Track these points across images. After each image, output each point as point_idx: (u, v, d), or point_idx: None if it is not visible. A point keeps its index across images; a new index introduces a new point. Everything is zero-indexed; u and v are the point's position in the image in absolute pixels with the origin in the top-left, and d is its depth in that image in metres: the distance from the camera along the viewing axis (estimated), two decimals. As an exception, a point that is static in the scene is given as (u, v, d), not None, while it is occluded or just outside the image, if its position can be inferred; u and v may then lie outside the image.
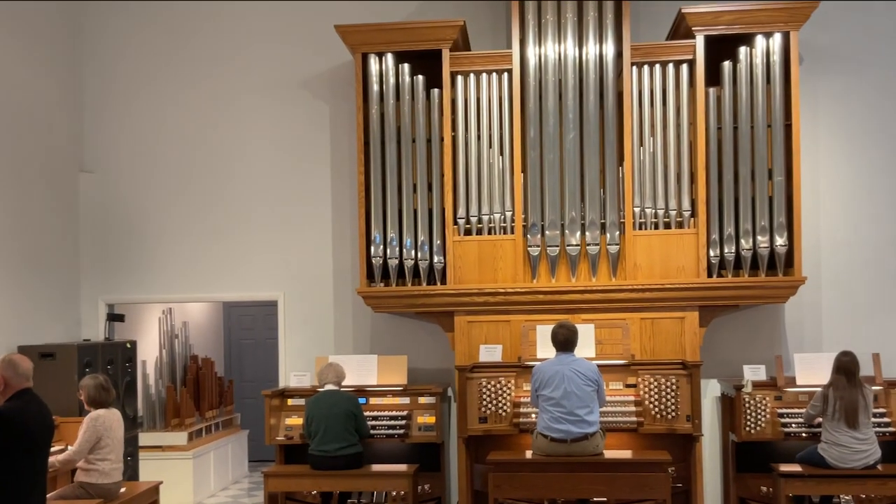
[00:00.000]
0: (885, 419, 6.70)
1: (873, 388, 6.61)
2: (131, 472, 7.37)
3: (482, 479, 6.65)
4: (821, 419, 6.38)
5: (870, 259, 7.59)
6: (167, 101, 8.23)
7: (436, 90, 7.34)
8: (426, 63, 7.31)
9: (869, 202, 7.61)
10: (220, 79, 8.17)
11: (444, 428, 7.26)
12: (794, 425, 6.74)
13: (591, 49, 7.16)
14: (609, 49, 7.17)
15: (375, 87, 7.34)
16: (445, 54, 7.26)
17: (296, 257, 8.04)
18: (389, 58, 7.32)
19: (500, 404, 6.77)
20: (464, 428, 6.79)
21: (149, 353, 8.98)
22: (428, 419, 6.98)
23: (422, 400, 7.06)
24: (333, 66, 7.99)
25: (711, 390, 7.55)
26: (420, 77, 7.33)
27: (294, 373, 7.52)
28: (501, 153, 7.31)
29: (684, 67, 7.19)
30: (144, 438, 8.09)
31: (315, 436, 6.54)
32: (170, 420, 8.57)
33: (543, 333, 6.82)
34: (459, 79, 7.34)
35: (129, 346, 7.74)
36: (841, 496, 6.68)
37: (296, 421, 7.00)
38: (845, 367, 6.32)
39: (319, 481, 6.55)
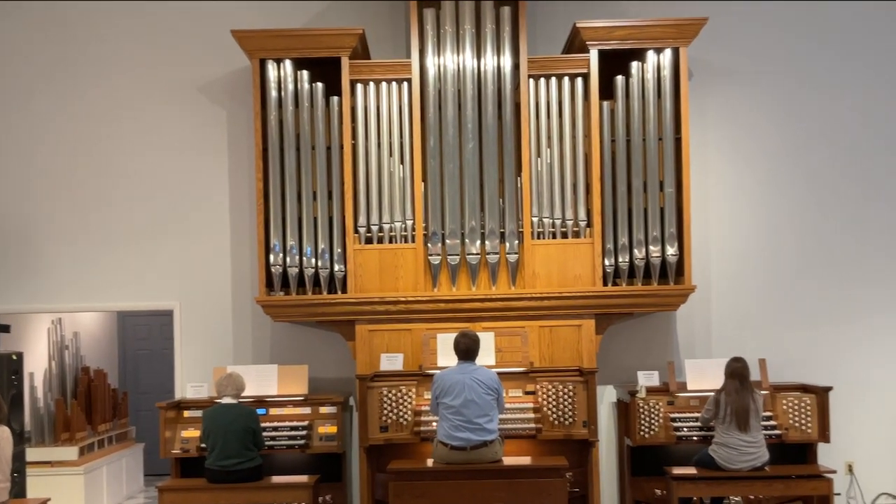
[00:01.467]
0: (772, 422, 6.98)
1: (760, 392, 6.90)
2: (18, 489, 7.08)
3: (383, 488, 6.67)
4: (713, 422, 6.62)
5: (755, 268, 7.92)
6: (56, 106, 7.94)
7: (335, 98, 7.33)
8: (326, 70, 7.30)
9: (754, 213, 7.95)
10: (112, 83, 7.94)
11: (346, 437, 7.23)
12: (685, 429, 6.96)
13: (489, 60, 7.27)
14: (507, 61, 7.29)
15: (274, 94, 7.28)
16: (345, 62, 7.26)
17: (193, 266, 7.88)
18: (288, 64, 7.27)
19: (401, 413, 6.80)
20: (365, 437, 6.80)
21: (37, 365, 8.66)
22: (329, 429, 6.94)
23: (323, 410, 7.02)
24: (231, 70, 7.88)
25: (608, 396, 7.76)
26: (319, 84, 7.30)
27: (191, 384, 7.38)
28: (402, 162, 7.34)
29: (579, 81, 7.36)
30: (32, 454, 7.78)
31: (212, 450, 6.44)
32: (59, 434, 8.28)
33: (444, 342, 6.89)
34: (359, 87, 7.34)
35: (14, 357, 7.42)
36: (730, 497, 6.97)
37: (192, 433, 6.86)
38: (738, 372, 6.58)
39: (216, 495, 6.44)
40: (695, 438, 6.92)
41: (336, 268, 7.23)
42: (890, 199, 7.95)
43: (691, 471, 6.62)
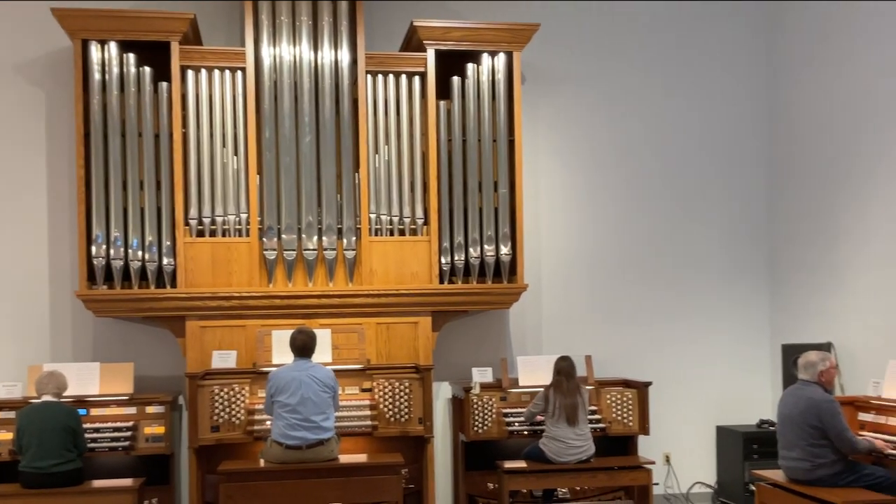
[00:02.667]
0: (597, 416, 7.30)
1: (586, 387, 7.22)
2: None
3: (214, 490, 6.44)
4: (542, 417, 6.84)
5: (583, 268, 8.29)
6: None
7: (164, 84, 7.06)
8: (154, 55, 7.02)
9: (582, 215, 8.32)
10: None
11: (175, 438, 6.93)
12: (517, 424, 7.16)
13: (326, 54, 7.24)
14: (344, 55, 7.28)
15: (97, 76, 6.91)
16: (175, 47, 7.00)
17: (5, 256, 7.32)
18: (113, 46, 6.93)
19: (233, 412, 6.61)
20: (195, 437, 6.57)
21: None
22: (156, 429, 6.63)
23: (150, 409, 6.69)
24: (51, 50, 7.40)
25: (443, 392, 7.88)
26: (147, 69, 7.02)
27: (3, 383, 6.83)
28: (236, 153, 7.17)
29: (417, 79, 7.46)
30: None
31: (27, 451, 5.98)
32: None
33: (280, 339, 6.77)
34: (190, 73, 7.11)
35: None
36: (558, 489, 7.23)
37: (5, 435, 6.36)
38: (565, 370, 6.86)
39: (30, 500, 5.98)
40: (525, 433, 7.14)
41: (165, 261, 6.94)
42: (705, 206, 8.53)
43: (522, 464, 6.81)
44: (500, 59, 7.52)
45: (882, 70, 7.04)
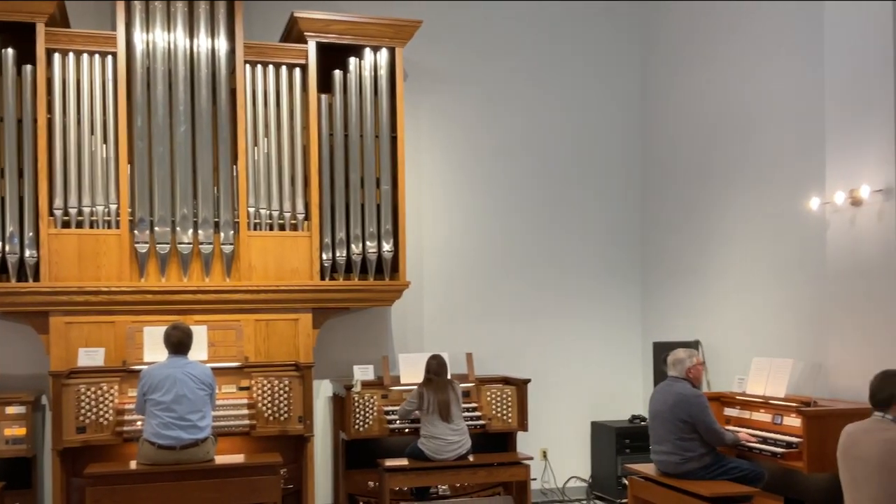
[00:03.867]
0: (477, 413, 7.41)
1: (466, 384, 7.35)
2: None
3: (80, 494, 6.22)
4: (418, 414, 6.89)
5: (464, 266, 8.42)
6: None
7: (29, 66, 6.75)
8: (17, 36, 6.72)
9: (465, 212, 8.45)
10: None
11: (37, 440, 6.64)
12: (398, 422, 7.18)
13: (202, 42, 7.10)
14: (221, 44, 7.15)
15: (-46, 57, 6.57)
16: (40, 29, 6.73)
17: None
18: (-27, 27, 6.60)
19: (101, 412, 6.40)
20: (59, 439, 6.32)
21: None
22: (17, 431, 6.33)
23: (10, 410, 6.38)
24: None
25: (324, 391, 7.83)
26: (10, 50, 6.71)
27: None
28: (105, 141, 6.93)
29: (298, 71, 7.41)
30: None
31: None
32: None
33: (152, 335, 6.60)
34: (57, 57, 6.84)
35: None
36: (438, 486, 7.30)
37: None
38: (435, 368, 6.95)
39: None
40: (407, 431, 7.17)
41: (27, 253, 6.64)
42: (583, 206, 8.80)
43: (403, 462, 6.86)
44: (383, 54, 7.54)
45: (745, 75, 7.42)
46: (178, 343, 6.11)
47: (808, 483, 6.02)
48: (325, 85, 7.45)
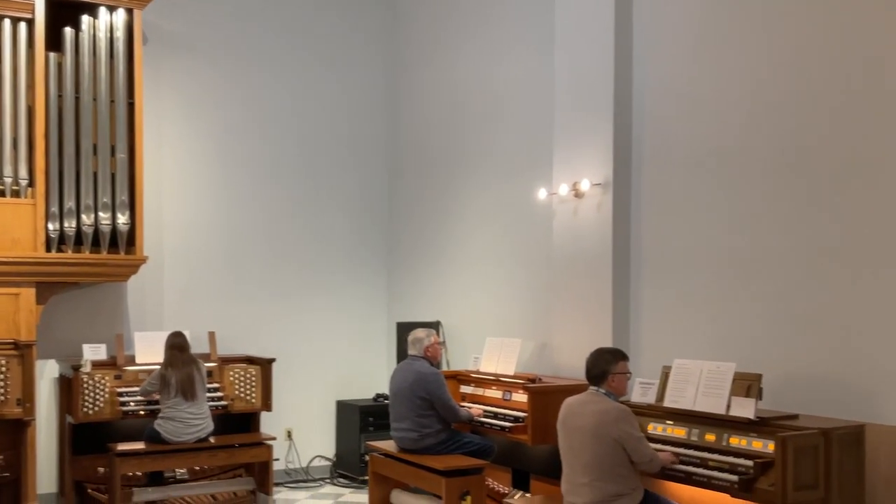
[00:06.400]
0: (219, 394, 7.44)
1: (209, 364, 7.34)
2: None
3: None
4: (158, 396, 6.85)
5: (208, 241, 8.36)
6: None
7: None
8: None
9: (207, 187, 8.37)
10: None
11: None
12: (132, 404, 7.08)
13: None
14: (-66, -9, 6.71)
15: None
16: None
17: None
18: None
19: None
20: None
21: None
22: None
23: None
24: None
25: (49, 371, 7.55)
26: None
27: None
28: None
29: (23, 25, 7.06)
30: None
31: None
32: None
33: None
34: None
35: None
36: (176, 470, 7.26)
37: None
38: (177, 345, 6.91)
39: None
40: (142, 413, 7.08)
41: None
42: (333, 185, 8.96)
43: (135, 446, 6.77)
44: (120, 14, 7.35)
45: (488, 66, 7.81)
46: None
47: (533, 454, 6.54)
48: (54, 43, 7.16)
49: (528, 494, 6.55)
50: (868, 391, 4.71)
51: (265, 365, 7.65)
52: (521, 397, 6.37)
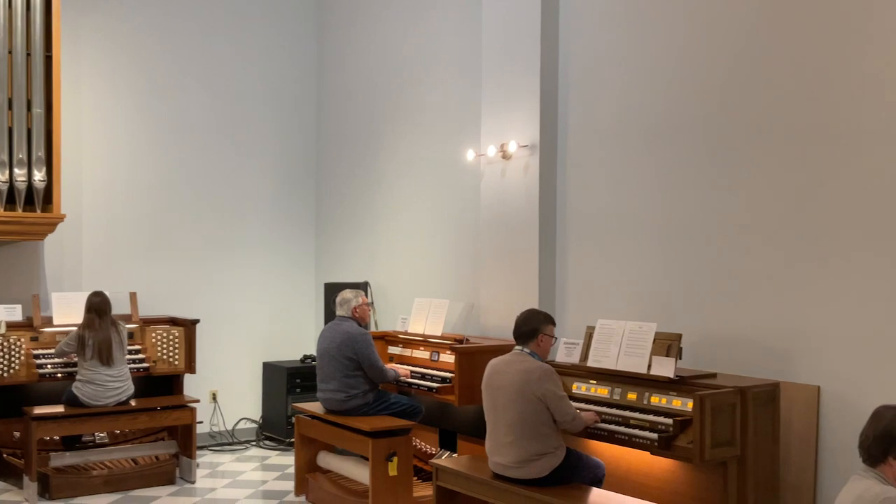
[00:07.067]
0: (141, 356, 7.37)
1: (130, 325, 7.25)
2: None
3: None
4: (76, 358, 6.76)
5: (130, 200, 8.22)
6: None
7: None
8: None
9: (128, 143, 8.22)
10: None
11: None
12: (49, 366, 6.97)
13: None
14: None
15: None
16: None
17: None
18: None
19: None
20: None
21: None
22: None
23: None
24: None
25: (-40, 334, 7.38)
26: None
27: None
28: None
29: (-72, -27, 6.83)
30: None
31: None
32: None
33: None
34: None
35: None
36: (96, 434, 7.19)
37: None
38: (97, 307, 6.80)
39: None
40: (60, 375, 6.99)
41: None
42: (260, 146, 8.88)
43: (55, 409, 6.68)
44: (36, -36, 7.13)
45: (416, 29, 7.81)
46: None
47: (460, 415, 6.63)
48: (-34, -7, 6.93)
49: (454, 454, 6.65)
50: (783, 351, 4.88)
51: (189, 326, 7.59)
52: (448, 358, 6.44)
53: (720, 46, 5.27)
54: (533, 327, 4.97)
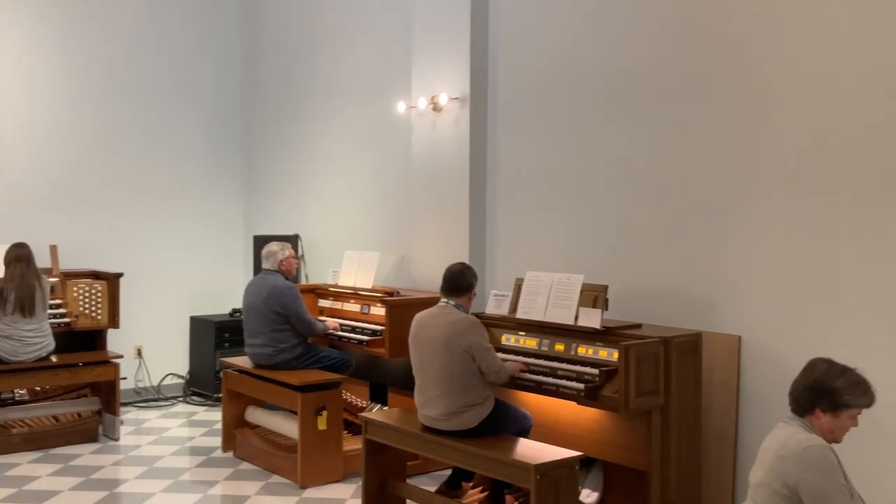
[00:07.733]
0: (62, 310, 7.21)
1: (51, 279, 7.09)
2: None
3: None
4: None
5: (51, 148, 8.03)
6: None
7: None
8: None
9: (46, 91, 8.02)
10: None
11: None
12: (-34, 321, 6.80)
13: None
14: None
15: None
16: None
17: None
18: None
19: None
20: None
21: None
22: None
23: None
24: None
25: None
26: None
27: None
28: None
29: None
30: None
31: None
32: None
33: None
34: None
35: None
36: (16, 391, 7.05)
37: None
38: (20, 258, 6.66)
39: None
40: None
41: None
42: (186, 98, 8.74)
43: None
44: None
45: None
46: None
47: (390, 367, 6.67)
48: None
49: (385, 407, 6.69)
50: (706, 301, 5.00)
51: (112, 280, 7.45)
52: (379, 311, 6.46)
53: (640, 3, 5.33)
54: (468, 282, 5.02)
